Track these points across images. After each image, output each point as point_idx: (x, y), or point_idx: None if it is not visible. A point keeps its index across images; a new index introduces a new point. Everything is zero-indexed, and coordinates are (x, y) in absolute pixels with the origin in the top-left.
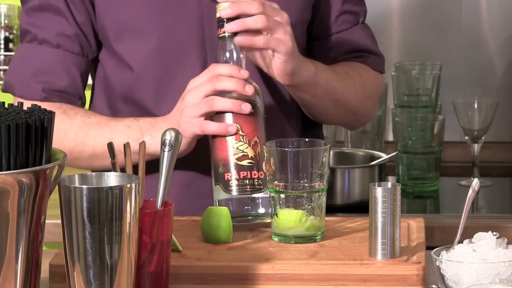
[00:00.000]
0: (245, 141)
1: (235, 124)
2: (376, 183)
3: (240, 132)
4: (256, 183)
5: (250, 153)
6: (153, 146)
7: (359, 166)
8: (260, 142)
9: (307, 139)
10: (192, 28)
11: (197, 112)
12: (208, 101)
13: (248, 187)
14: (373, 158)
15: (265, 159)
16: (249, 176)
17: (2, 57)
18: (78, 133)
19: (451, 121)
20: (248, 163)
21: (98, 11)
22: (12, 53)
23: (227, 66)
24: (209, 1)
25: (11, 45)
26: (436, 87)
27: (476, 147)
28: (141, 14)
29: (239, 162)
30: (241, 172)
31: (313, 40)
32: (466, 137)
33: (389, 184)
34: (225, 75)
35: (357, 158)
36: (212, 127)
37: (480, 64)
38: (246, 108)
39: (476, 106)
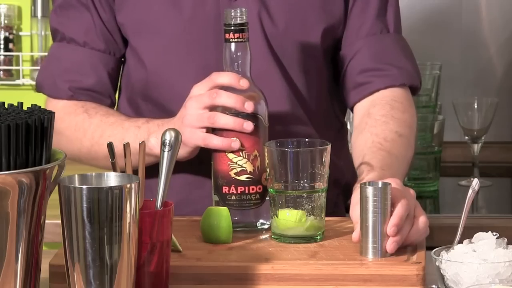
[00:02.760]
0: (244, 156)
1: (237, 140)
2: (367, 183)
3: (240, 147)
4: (253, 197)
5: (249, 168)
6: (157, 148)
7: None
8: (261, 155)
9: (307, 139)
10: (208, 26)
11: (199, 124)
12: (211, 117)
13: (246, 202)
14: None
15: (265, 160)
16: (247, 192)
17: (2, 57)
18: (95, 132)
19: (451, 121)
20: (247, 178)
21: (117, 8)
22: (12, 53)
23: (227, 75)
24: (226, 0)
25: (11, 45)
26: (436, 87)
27: (476, 147)
28: (157, 11)
29: (237, 177)
30: (239, 187)
31: (339, 49)
32: (466, 137)
33: (380, 183)
34: (226, 85)
35: None
36: (215, 142)
37: (480, 64)
38: (248, 127)
39: (476, 106)
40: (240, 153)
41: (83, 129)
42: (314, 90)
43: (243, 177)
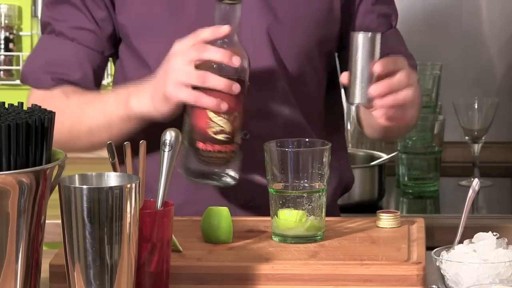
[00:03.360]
0: (224, 116)
1: (225, 102)
2: (357, 32)
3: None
4: (228, 156)
5: (228, 128)
6: (138, 107)
7: (359, 166)
8: (239, 115)
9: (307, 139)
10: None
11: (187, 80)
12: (201, 76)
13: (220, 159)
14: (373, 158)
15: (266, 160)
16: (223, 150)
17: (2, 57)
18: (75, 112)
19: (451, 121)
20: (225, 137)
21: (118, 9)
22: (12, 53)
23: (211, 30)
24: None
25: (11, 45)
26: (436, 87)
27: (476, 147)
28: (160, 13)
29: (215, 136)
30: (216, 145)
31: (343, 49)
32: (466, 137)
33: (369, 33)
34: (211, 39)
35: (357, 158)
36: (205, 101)
37: (480, 64)
38: (236, 89)
39: (476, 106)
40: (222, 113)
41: (62, 110)
42: (314, 90)
43: (220, 136)
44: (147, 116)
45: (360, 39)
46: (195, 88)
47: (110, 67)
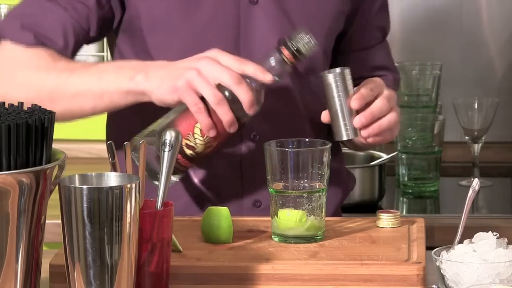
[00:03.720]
0: (205, 140)
1: (215, 130)
2: (326, 71)
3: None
4: (181, 169)
5: (199, 149)
6: (145, 83)
7: (359, 166)
8: (214, 148)
9: (307, 139)
10: (227, 27)
11: (203, 88)
12: (217, 97)
13: (174, 168)
14: (373, 158)
15: (266, 159)
16: (181, 162)
17: None
18: (62, 74)
19: (451, 121)
20: (190, 154)
21: (133, 0)
22: None
23: (255, 69)
24: (247, 2)
25: None
26: (436, 87)
27: (476, 147)
28: (177, 8)
29: (184, 147)
30: (179, 155)
31: (338, 54)
32: (466, 137)
33: (338, 69)
34: (250, 73)
35: (357, 158)
36: (202, 120)
37: (480, 64)
38: (232, 130)
39: (476, 106)
40: (204, 136)
41: (46, 69)
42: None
43: (188, 151)
44: (147, 95)
45: (331, 78)
46: (201, 98)
47: None
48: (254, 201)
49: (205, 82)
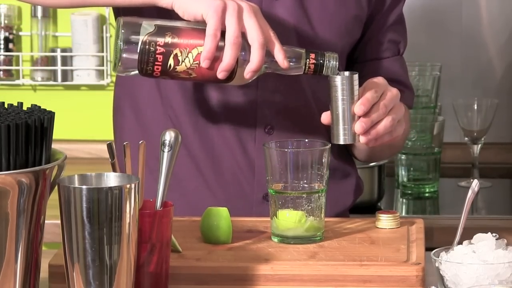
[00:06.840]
0: (195, 64)
1: (209, 61)
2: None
3: (202, 64)
4: (148, 68)
5: (180, 68)
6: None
7: (359, 166)
8: (192, 77)
9: (307, 140)
10: None
11: (230, 15)
12: (237, 32)
13: (150, 60)
14: None
15: (266, 160)
16: (154, 63)
17: (2, 57)
18: None
19: (450, 122)
20: (168, 65)
21: None
22: (12, 53)
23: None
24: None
25: (10, 45)
26: (436, 88)
27: (476, 148)
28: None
29: (170, 57)
30: (160, 56)
31: (354, 63)
32: (466, 138)
33: (347, 73)
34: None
35: None
36: (210, 42)
37: (480, 65)
38: (224, 73)
39: (475, 107)
40: (197, 60)
41: None
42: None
43: (170, 61)
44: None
45: (339, 81)
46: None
47: (111, 68)
48: (264, 195)
49: (236, 20)
